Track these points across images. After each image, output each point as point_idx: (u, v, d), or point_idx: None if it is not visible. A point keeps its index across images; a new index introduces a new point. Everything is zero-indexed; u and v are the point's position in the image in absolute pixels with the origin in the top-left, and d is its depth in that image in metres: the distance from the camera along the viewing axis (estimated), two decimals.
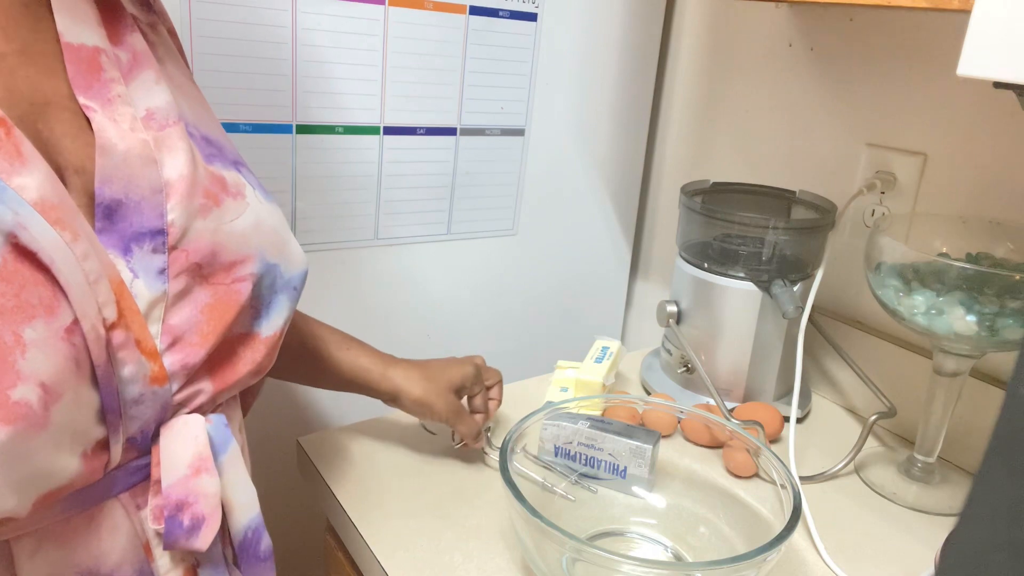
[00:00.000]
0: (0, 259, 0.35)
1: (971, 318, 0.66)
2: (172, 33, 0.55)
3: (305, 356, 0.70)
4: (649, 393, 0.92)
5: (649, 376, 0.94)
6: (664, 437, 0.75)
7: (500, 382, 0.78)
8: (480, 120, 0.97)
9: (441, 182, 0.97)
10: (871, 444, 0.85)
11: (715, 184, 0.95)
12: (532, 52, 0.98)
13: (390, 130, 0.91)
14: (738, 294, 0.84)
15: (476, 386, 0.74)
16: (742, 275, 0.84)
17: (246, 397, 0.61)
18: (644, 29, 1.07)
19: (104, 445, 0.41)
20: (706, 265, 0.86)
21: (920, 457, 0.77)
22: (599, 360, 0.86)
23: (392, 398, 0.71)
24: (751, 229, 0.84)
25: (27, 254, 0.36)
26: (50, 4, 0.42)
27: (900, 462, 0.80)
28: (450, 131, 0.95)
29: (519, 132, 1.01)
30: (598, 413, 0.78)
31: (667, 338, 0.93)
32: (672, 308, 0.90)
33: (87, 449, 0.40)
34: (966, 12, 0.46)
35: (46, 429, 0.37)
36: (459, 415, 0.71)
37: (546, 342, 1.16)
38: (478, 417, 0.74)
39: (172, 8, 0.74)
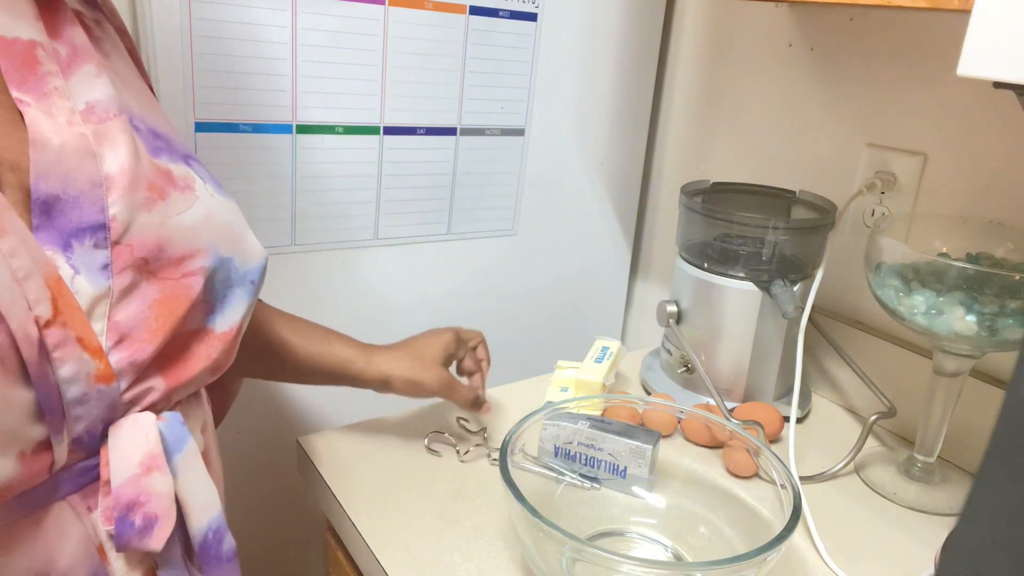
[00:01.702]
0: None
1: (971, 318, 0.66)
2: (122, 31, 0.54)
3: (286, 355, 0.69)
4: (649, 393, 0.92)
5: (649, 376, 0.94)
6: (664, 437, 0.75)
7: (483, 341, 0.80)
8: (480, 120, 0.97)
9: (441, 182, 0.97)
10: (871, 444, 0.85)
11: (715, 184, 0.95)
12: (532, 52, 0.98)
13: (390, 130, 0.91)
14: (738, 294, 0.84)
15: (460, 350, 0.76)
16: (742, 275, 0.84)
17: (221, 398, 0.60)
18: (644, 29, 1.07)
19: (46, 446, 0.40)
20: (706, 265, 0.86)
21: (920, 457, 0.77)
22: (599, 360, 0.86)
23: (382, 384, 0.71)
24: (751, 229, 0.84)
25: None
26: None
27: (900, 462, 0.80)
28: (450, 131, 0.95)
29: (519, 132, 1.01)
30: (598, 413, 0.78)
31: (667, 338, 0.93)
32: (672, 308, 0.90)
33: (25, 450, 0.39)
34: (966, 12, 0.46)
35: None
36: (451, 387, 0.72)
37: (546, 342, 1.16)
38: (474, 380, 0.75)
39: (172, 8, 0.75)
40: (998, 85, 0.48)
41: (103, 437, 0.43)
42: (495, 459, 0.75)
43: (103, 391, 0.42)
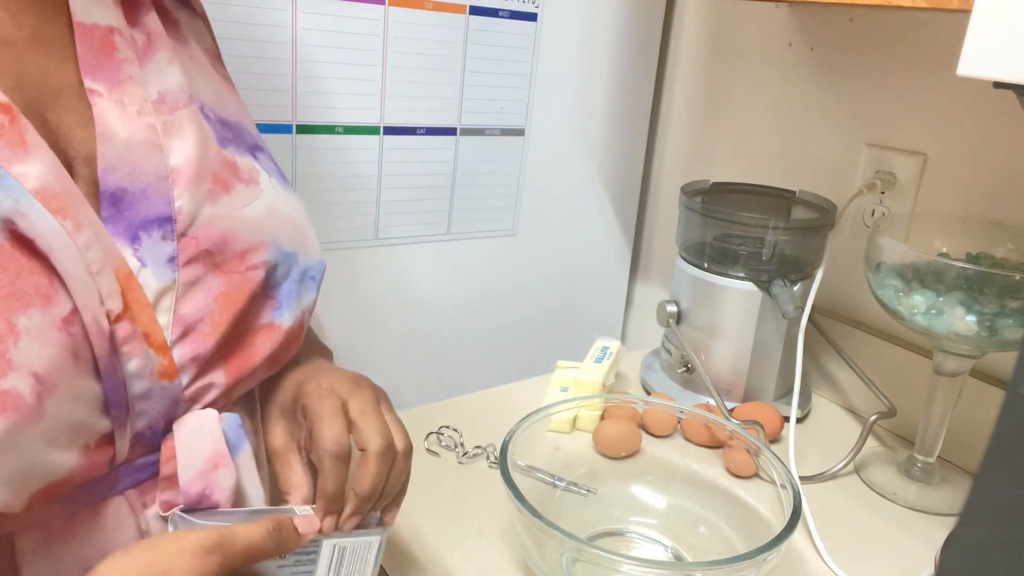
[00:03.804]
0: None
1: (971, 318, 0.66)
2: (202, 16, 0.54)
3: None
4: (649, 393, 0.92)
5: (649, 376, 0.94)
6: (664, 437, 0.75)
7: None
8: (480, 120, 0.97)
9: (441, 182, 0.97)
10: (871, 444, 0.85)
11: (715, 184, 0.95)
12: (532, 52, 0.98)
13: (390, 130, 0.91)
14: (738, 294, 0.84)
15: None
16: (742, 275, 0.84)
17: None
18: (644, 29, 1.07)
19: (109, 439, 0.40)
20: (706, 265, 0.86)
21: (920, 457, 0.77)
22: (599, 360, 0.86)
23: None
24: (751, 229, 0.84)
25: (24, 242, 0.36)
26: None
27: (900, 462, 0.80)
28: (450, 131, 0.95)
29: (519, 132, 1.01)
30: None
31: (667, 338, 0.93)
32: (672, 308, 0.90)
33: (89, 442, 0.39)
34: (966, 12, 0.46)
35: (40, 421, 0.35)
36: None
37: (546, 342, 1.16)
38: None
39: None
40: (998, 85, 0.48)
41: (163, 433, 0.44)
42: (494, 461, 0.75)
43: (166, 387, 0.42)
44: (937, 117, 0.82)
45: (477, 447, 0.77)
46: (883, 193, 0.87)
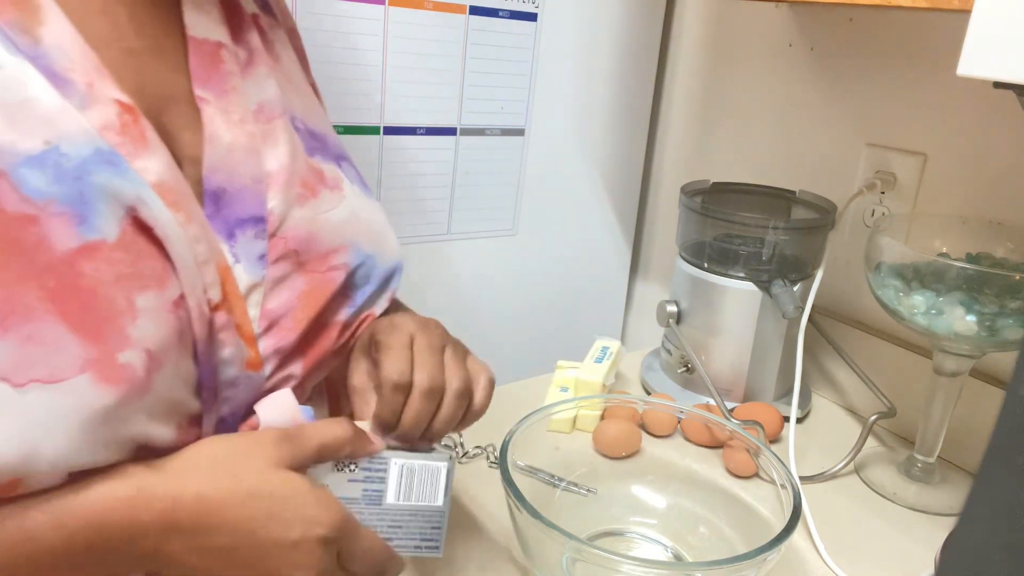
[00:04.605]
0: (121, 230, 0.38)
1: (971, 318, 0.66)
2: (292, 32, 0.58)
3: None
4: (649, 393, 0.92)
5: (649, 376, 0.94)
6: (664, 437, 0.75)
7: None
8: (480, 120, 0.97)
9: (441, 182, 0.97)
10: (871, 444, 0.85)
11: (715, 184, 0.95)
12: (532, 52, 0.98)
13: (390, 130, 0.91)
14: (738, 294, 0.84)
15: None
16: (742, 275, 0.84)
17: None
18: (644, 29, 1.07)
19: (197, 421, 0.43)
20: (706, 265, 0.86)
21: (920, 457, 0.77)
22: (599, 360, 0.86)
23: None
24: (751, 229, 0.84)
25: (145, 228, 0.39)
26: (180, 3, 0.46)
27: (900, 462, 0.80)
28: (450, 131, 0.95)
29: (519, 132, 1.01)
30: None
31: (667, 338, 0.93)
32: (672, 308, 0.90)
33: (181, 421, 0.42)
34: (966, 12, 0.46)
35: (148, 394, 0.39)
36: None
37: (546, 342, 1.16)
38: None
39: None
40: (998, 85, 0.48)
41: (243, 420, 0.46)
42: (494, 461, 0.75)
43: (251, 377, 0.45)
44: (937, 117, 0.82)
45: (477, 447, 0.77)
46: (883, 193, 0.87)
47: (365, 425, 0.48)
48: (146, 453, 0.41)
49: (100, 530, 0.38)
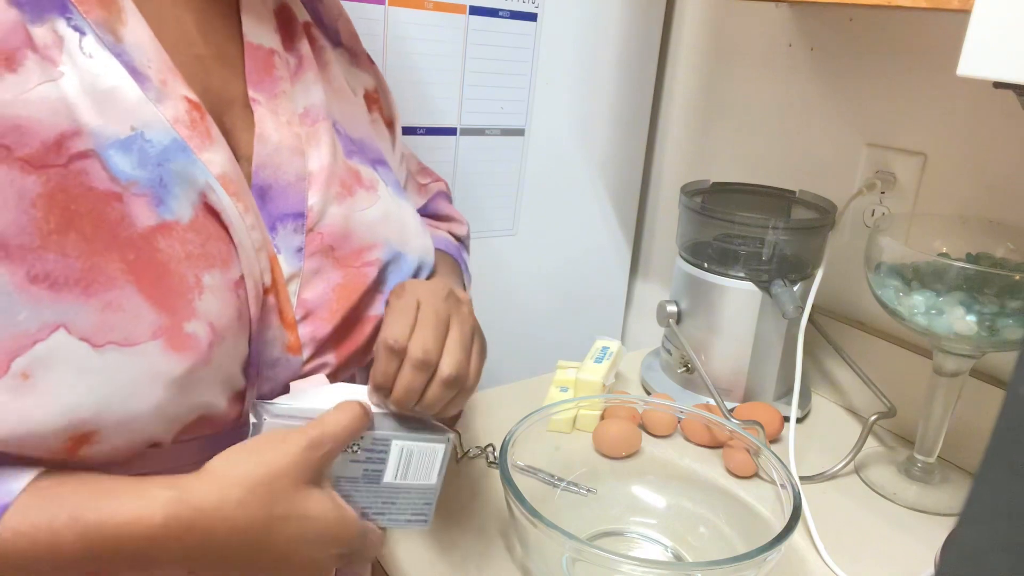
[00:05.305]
0: (193, 212, 0.42)
1: (971, 318, 0.66)
2: (353, 36, 0.62)
3: None
4: (649, 393, 0.92)
5: (649, 376, 0.94)
6: (664, 437, 0.75)
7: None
8: (480, 120, 0.97)
9: None
10: (871, 444, 0.85)
11: (715, 184, 0.95)
12: (532, 52, 0.98)
13: None
14: (738, 294, 0.84)
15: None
16: (742, 275, 0.84)
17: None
18: (644, 29, 1.07)
19: (241, 397, 0.46)
20: (706, 265, 0.86)
21: (920, 457, 0.77)
22: (599, 360, 0.86)
23: None
24: (751, 229, 0.84)
25: (213, 212, 0.43)
26: (239, 13, 0.50)
27: (900, 462, 0.80)
28: (450, 131, 0.95)
29: (519, 132, 1.01)
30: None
31: (667, 338, 0.93)
32: (672, 308, 0.90)
33: (230, 395, 0.45)
34: (966, 12, 0.46)
35: (209, 365, 0.42)
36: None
37: (546, 342, 1.16)
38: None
39: None
40: (998, 85, 0.48)
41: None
42: (494, 461, 0.75)
43: (290, 360, 0.49)
44: (937, 117, 0.82)
45: (477, 447, 0.77)
46: (883, 193, 0.87)
47: (364, 390, 0.49)
48: (200, 426, 0.44)
49: (118, 551, 0.39)
